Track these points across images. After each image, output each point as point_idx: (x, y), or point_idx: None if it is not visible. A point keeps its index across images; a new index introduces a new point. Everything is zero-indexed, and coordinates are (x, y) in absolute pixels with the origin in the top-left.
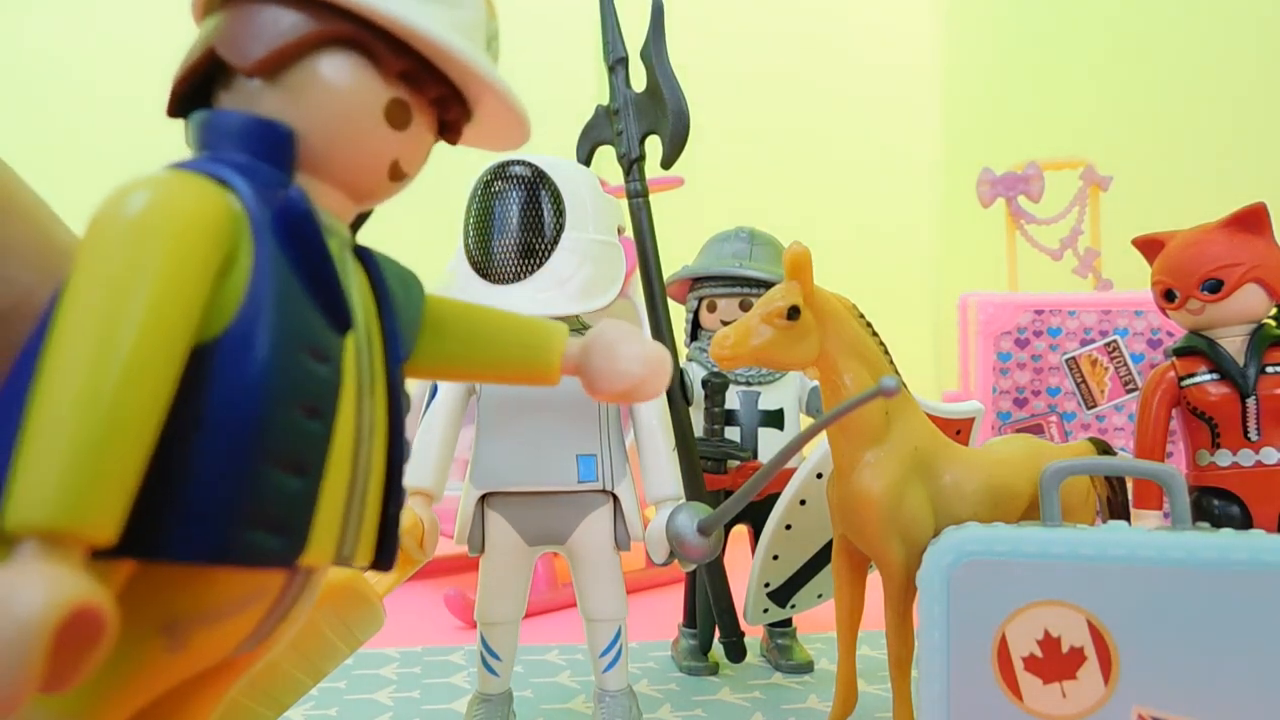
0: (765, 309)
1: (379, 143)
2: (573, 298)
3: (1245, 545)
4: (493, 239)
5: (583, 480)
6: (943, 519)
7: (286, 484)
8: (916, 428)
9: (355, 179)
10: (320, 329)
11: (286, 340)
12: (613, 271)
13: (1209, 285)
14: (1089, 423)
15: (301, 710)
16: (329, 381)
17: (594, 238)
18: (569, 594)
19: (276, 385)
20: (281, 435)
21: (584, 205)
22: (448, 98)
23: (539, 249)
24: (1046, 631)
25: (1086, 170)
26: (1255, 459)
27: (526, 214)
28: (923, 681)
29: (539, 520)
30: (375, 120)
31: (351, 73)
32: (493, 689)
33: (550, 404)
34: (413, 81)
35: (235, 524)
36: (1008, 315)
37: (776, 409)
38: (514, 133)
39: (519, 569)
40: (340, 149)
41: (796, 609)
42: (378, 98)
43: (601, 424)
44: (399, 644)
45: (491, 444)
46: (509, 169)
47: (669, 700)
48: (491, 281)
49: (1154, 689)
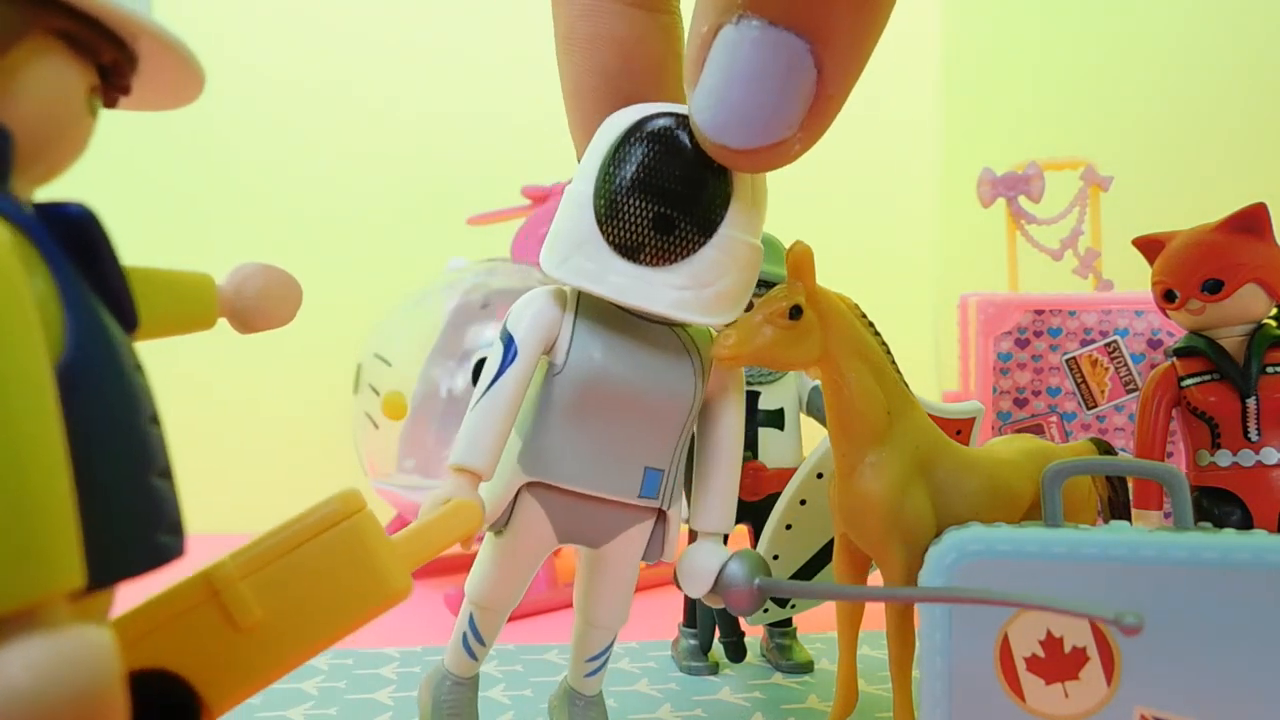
0: (767, 309)
1: (84, 133)
2: (707, 305)
3: (1248, 545)
4: (640, 204)
5: (644, 496)
6: (944, 519)
7: (167, 489)
8: (918, 428)
9: (57, 171)
10: (124, 336)
11: (119, 357)
12: (750, 281)
13: (1209, 285)
14: (1089, 423)
15: (301, 710)
16: (148, 386)
17: (747, 239)
18: (569, 594)
19: (129, 403)
20: (148, 448)
21: (745, 196)
22: (128, 75)
23: (694, 236)
24: (1049, 631)
25: (1086, 170)
26: (1255, 459)
27: (692, 188)
28: (924, 682)
29: (580, 521)
30: (82, 111)
31: (63, 65)
32: (468, 672)
33: (641, 406)
34: (111, 67)
35: (154, 532)
36: (1008, 315)
37: (777, 409)
38: (189, 84)
39: (538, 560)
40: (54, 144)
41: (796, 609)
42: (82, 88)
43: (681, 438)
44: (399, 644)
45: (556, 430)
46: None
47: (669, 700)
48: (620, 254)
49: (1156, 689)
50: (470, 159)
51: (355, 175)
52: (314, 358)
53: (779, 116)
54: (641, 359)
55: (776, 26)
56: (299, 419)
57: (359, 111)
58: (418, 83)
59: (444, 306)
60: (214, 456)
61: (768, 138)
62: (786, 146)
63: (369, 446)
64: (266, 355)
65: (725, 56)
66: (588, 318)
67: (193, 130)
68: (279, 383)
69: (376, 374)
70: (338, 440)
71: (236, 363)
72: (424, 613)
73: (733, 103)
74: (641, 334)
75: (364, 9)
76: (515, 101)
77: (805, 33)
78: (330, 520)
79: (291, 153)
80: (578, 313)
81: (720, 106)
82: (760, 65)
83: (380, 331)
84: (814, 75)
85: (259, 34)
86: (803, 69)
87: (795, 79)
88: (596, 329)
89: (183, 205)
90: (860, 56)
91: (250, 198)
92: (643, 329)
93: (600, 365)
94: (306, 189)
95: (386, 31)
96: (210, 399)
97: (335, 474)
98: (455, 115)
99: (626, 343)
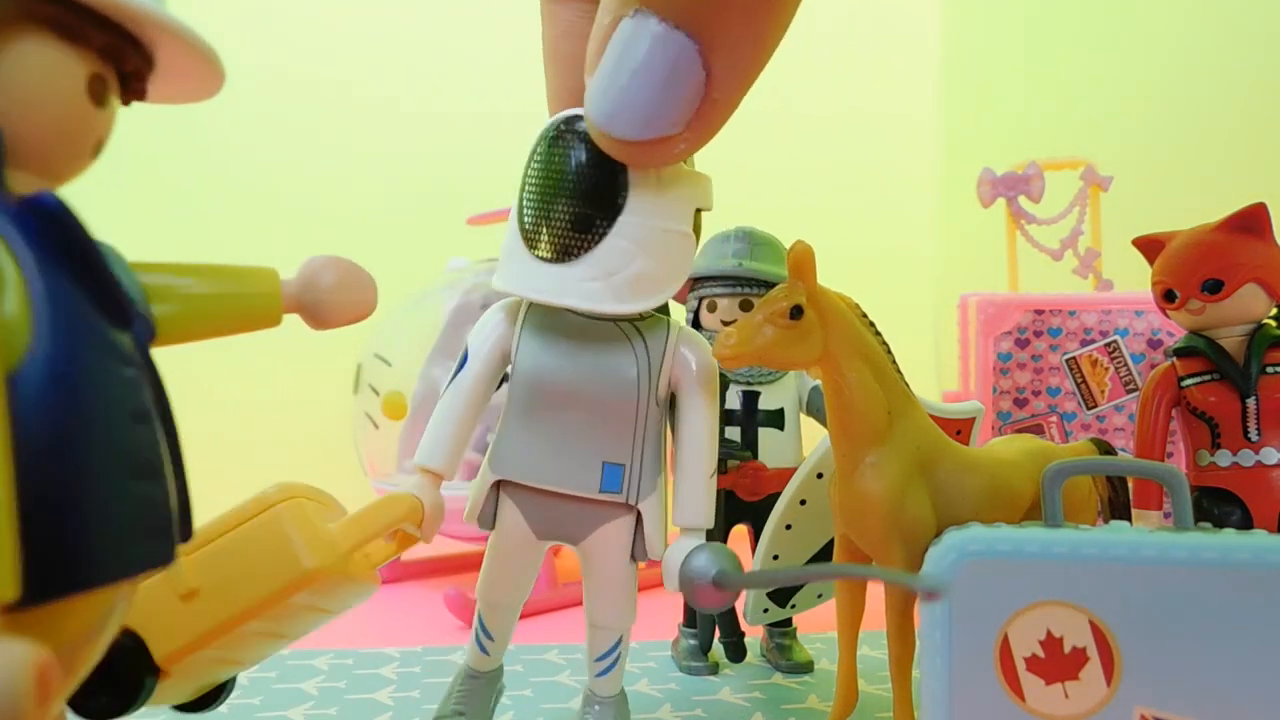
0: (768, 308)
1: (85, 123)
2: (619, 293)
3: (1248, 545)
4: (540, 204)
5: (605, 490)
6: (944, 519)
7: (150, 491)
8: (919, 428)
9: (62, 163)
10: (111, 331)
11: (91, 351)
12: (674, 266)
13: (1209, 285)
14: (1089, 423)
15: (301, 710)
16: (138, 381)
17: (659, 225)
18: (569, 594)
19: (100, 398)
20: (126, 446)
21: (648, 183)
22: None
23: (593, 227)
24: (1049, 632)
25: (1086, 170)
26: (1255, 459)
27: (583, 181)
28: (924, 682)
29: (552, 518)
30: (80, 100)
31: (52, 53)
32: (483, 666)
33: (585, 400)
34: (110, 54)
35: (124, 541)
36: (1008, 315)
37: (777, 408)
38: (207, 79)
39: (526, 558)
40: (47, 136)
41: (796, 609)
42: (78, 76)
43: (638, 432)
44: (399, 644)
45: (515, 430)
46: (574, 124)
47: (669, 700)
48: (536, 255)
49: (1157, 689)
50: (470, 159)
51: (355, 175)
52: (314, 358)
53: (664, 112)
54: (581, 355)
55: (668, 24)
56: (299, 419)
57: (359, 111)
58: (418, 82)
59: (444, 306)
60: (213, 456)
61: (651, 131)
62: (671, 144)
63: (369, 446)
64: (266, 355)
65: (619, 48)
66: (533, 323)
67: (192, 129)
68: (279, 382)
69: (376, 374)
70: (338, 440)
71: (236, 362)
72: (424, 613)
73: (621, 94)
74: (583, 332)
75: (364, 8)
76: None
77: (696, 34)
78: (258, 508)
79: (291, 152)
80: (525, 319)
81: (610, 97)
82: (650, 60)
83: (380, 331)
84: (702, 77)
85: (258, 33)
86: (690, 69)
87: (682, 78)
88: (541, 332)
89: (182, 205)
90: (750, 65)
91: (250, 197)
92: (586, 327)
93: (539, 363)
94: (306, 189)
95: (386, 31)
96: (210, 399)
97: (335, 474)
98: (455, 115)
99: (567, 341)
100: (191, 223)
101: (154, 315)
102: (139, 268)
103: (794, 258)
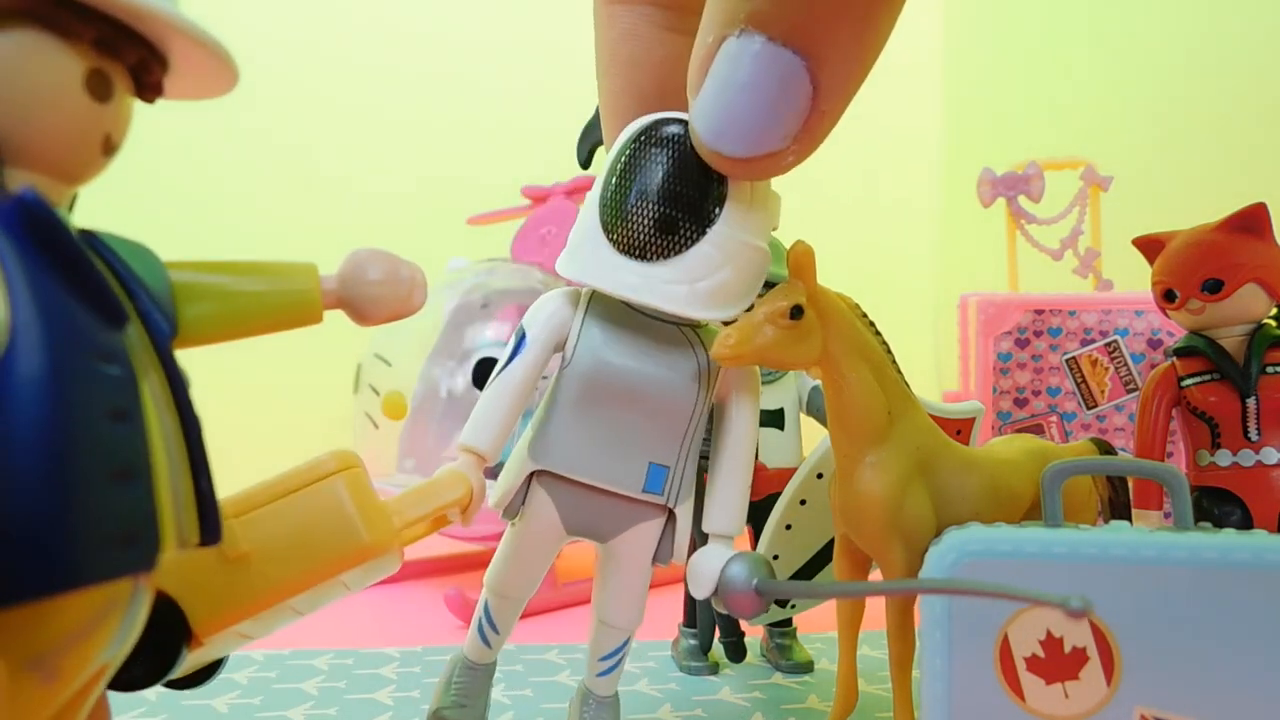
0: (768, 308)
1: (85, 120)
2: (702, 300)
3: (1248, 545)
4: (635, 204)
5: (648, 491)
6: (944, 519)
7: (126, 492)
8: (919, 428)
9: (67, 161)
10: (97, 329)
11: (68, 350)
12: (751, 280)
13: (1209, 285)
14: (1089, 423)
15: (301, 710)
16: (124, 380)
17: (745, 238)
18: (569, 594)
19: (74, 398)
20: (99, 446)
21: (743, 197)
22: (145, 57)
23: (687, 233)
24: (1049, 631)
25: (1086, 170)
26: (1255, 459)
27: (684, 187)
28: (924, 682)
29: (586, 513)
30: (76, 96)
31: (39, 48)
32: (481, 659)
33: (644, 399)
34: (107, 47)
35: (88, 546)
36: (1008, 315)
37: (776, 408)
38: (221, 77)
39: (547, 551)
40: (43, 133)
41: (796, 609)
42: (72, 72)
43: (688, 435)
44: (399, 644)
45: (563, 420)
46: (663, 128)
47: (669, 700)
48: (620, 251)
49: (1156, 689)
50: (470, 159)
51: (355, 175)
52: (314, 358)
53: (773, 128)
54: (643, 354)
55: (775, 43)
56: (299, 419)
57: (359, 111)
58: (418, 82)
59: (444, 306)
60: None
61: (761, 148)
62: (779, 158)
63: (369, 446)
64: (266, 355)
65: (725, 68)
66: (596, 315)
67: (190, 129)
68: (279, 382)
69: (376, 374)
70: (338, 440)
71: (236, 362)
72: (424, 613)
73: (729, 112)
74: (647, 331)
75: (364, 8)
76: (516, 101)
77: (803, 51)
78: (318, 473)
79: (290, 152)
80: (588, 310)
81: (717, 115)
82: (757, 78)
83: (380, 331)
84: (809, 91)
85: (257, 33)
86: (798, 85)
87: (790, 94)
88: (603, 325)
89: (181, 205)
90: (855, 77)
91: (249, 197)
92: (649, 326)
93: (602, 358)
94: (306, 189)
95: (386, 31)
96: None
97: None
98: (456, 115)
99: (630, 338)
100: (192, 223)
101: (182, 314)
102: (173, 266)
103: (794, 258)
